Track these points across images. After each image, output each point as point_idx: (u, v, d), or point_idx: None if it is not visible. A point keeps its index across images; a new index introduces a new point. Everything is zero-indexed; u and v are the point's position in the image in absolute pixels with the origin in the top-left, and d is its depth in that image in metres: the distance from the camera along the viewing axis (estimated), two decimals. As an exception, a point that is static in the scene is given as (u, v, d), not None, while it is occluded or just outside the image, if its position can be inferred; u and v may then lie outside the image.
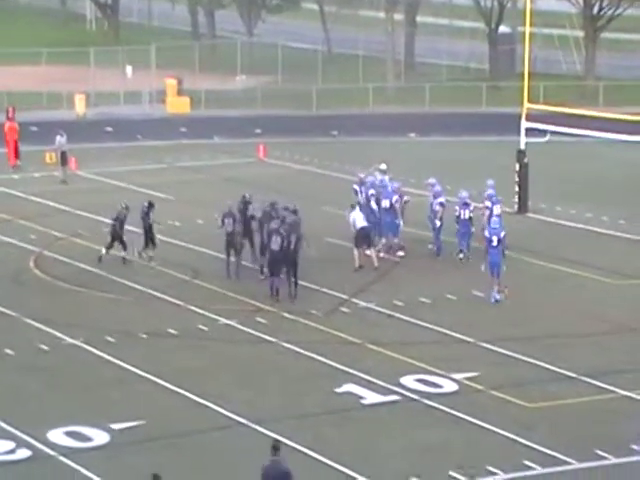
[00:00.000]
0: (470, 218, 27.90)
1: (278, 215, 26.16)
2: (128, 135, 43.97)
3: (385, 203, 28.37)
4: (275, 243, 25.18)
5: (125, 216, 28.23)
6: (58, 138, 37.25)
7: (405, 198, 28.88)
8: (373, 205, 28.47)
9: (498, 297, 25.07)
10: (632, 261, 28.17)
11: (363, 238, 27.15)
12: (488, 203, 28.07)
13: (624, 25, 58.61)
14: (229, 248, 26.73)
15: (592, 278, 26.88)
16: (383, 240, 28.45)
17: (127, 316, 24.49)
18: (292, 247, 25.15)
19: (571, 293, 26.06)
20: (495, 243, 24.98)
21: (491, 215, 26.82)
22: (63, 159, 37.06)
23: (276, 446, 15.17)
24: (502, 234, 25.05)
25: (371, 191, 28.65)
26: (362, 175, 29.66)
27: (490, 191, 28.50)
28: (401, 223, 28.34)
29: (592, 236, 30.52)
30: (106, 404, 20.11)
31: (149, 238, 28.11)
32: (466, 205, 27.93)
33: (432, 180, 28.98)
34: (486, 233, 25.38)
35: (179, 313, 24.61)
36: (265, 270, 26.06)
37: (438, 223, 28.00)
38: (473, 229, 28.05)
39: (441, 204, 28.10)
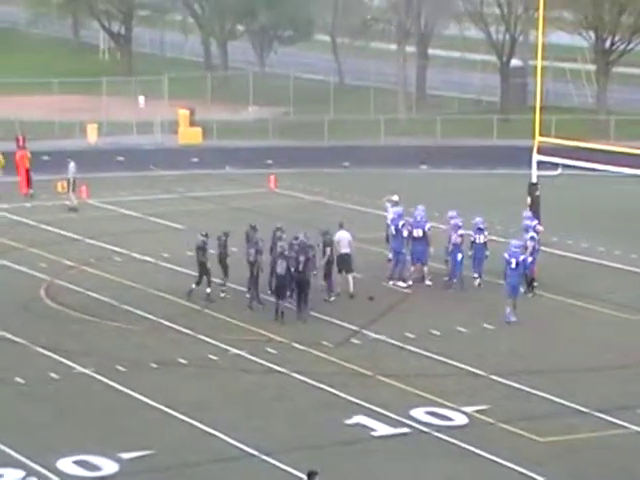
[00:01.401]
0: (485, 243, 28.15)
1: (279, 239, 26.47)
2: (140, 165, 44.14)
3: (418, 232, 28.38)
4: (280, 267, 25.31)
5: (206, 244, 27.43)
6: (70, 165, 37.43)
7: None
8: (404, 234, 28.50)
9: (513, 319, 25.29)
10: (644, 295, 28.12)
11: (344, 264, 27.18)
12: (532, 233, 27.96)
13: (636, 60, 58.75)
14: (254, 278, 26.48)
15: (604, 312, 26.80)
16: (412, 268, 28.43)
17: (138, 345, 24.47)
18: (300, 269, 25.21)
19: (583, 326, 25.96)
20: (514, 265, 25.59)
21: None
22: (74, 186, 37.19)
23: (311, 474, 15.36)
24: (521, 258, 25.76)
25: (401, 222, 28.66)
26: (391, 203, 29.74)
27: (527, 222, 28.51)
28: (432, 251, 28.45)
29: (604, 270, 30.45)
30: (116, 433, 20.07)
31: (224, 268, 27.57)
32: (480, 230, 28.23)
33: (452, 213, 29.02)
34: (506, 255, 25.93)
35: (189, 343, 24.58)
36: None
37: (460, 256, 28.00)
38: (487, 253, 28.12)
39: (461, 236, 28.13)
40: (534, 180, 33.28)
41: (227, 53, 65.60)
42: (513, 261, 25.68)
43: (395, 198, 30.85)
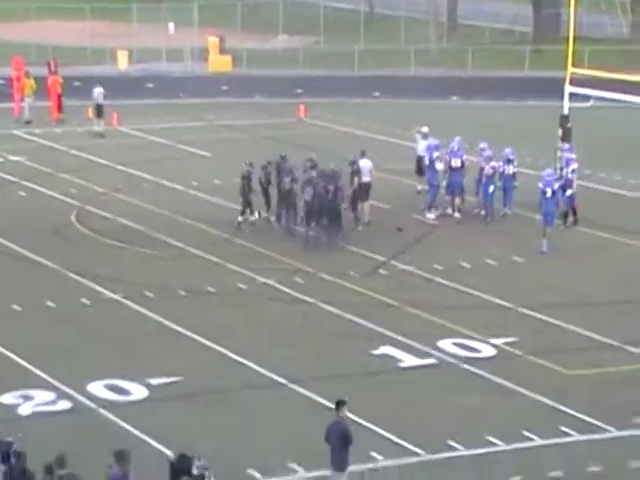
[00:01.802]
0: (514, 174, 28.13)
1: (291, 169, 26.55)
2: (169, 92, 43.97)
3: (456, 162, 28.14)
4: (307, 194, 25.42)
5: (251, 173, 27.14)
6: (95, 90, 37.33)
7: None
8: (438, 166, 28.28)
9: (545, 249, 25.49)
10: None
11: (361, 193, 27.09)
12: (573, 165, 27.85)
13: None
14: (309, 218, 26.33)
15: (635, 245, 26.64)
16: (457, 200, 28.26)
17: (166, 272, 24.59)
18: (330, 197, 25.28)
19: (613, 260, 25.84)
20: (549, 195, 25.78)
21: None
22: (99, 112, 37.13)
23: (340, 403, 15.45)
24: (556, 186, 26.03)
25: (436, 153, 28.46)
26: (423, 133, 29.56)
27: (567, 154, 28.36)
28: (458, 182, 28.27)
29: (636, 203, 30.20)
30: (145, 359, 20.26)
31: (267, 197, 27.41)
32: (509, 161, 28.14)
33: (483, 145, 28.79)
34: (540, 185, 26.16)
35: (218, 271, 24.68)
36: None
37: (492, 188, 27.87)
38: (516, 184, 28.06)
39: (493, 168, 27.96)
40: (566, 112, 32.92)
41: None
42: (548, 190, 25.92)
43: (425, 130, 30.64)
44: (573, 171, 27.83)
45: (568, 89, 32.74)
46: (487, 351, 20.67)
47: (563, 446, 17.41)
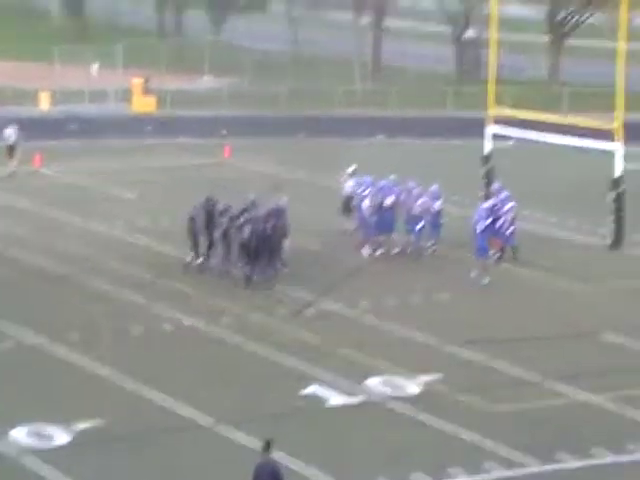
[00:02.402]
0: (440, 211, 28.68)
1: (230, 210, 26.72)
2: (93, 133, 43.74)
3: (387, 201, 28.48)
4: (245, 232, 25.71)
5: (198, 215, 26.78)
6: (7, 131, 37.10)
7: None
8: (365, 204, 28.50)
9: (485, 281, 26.27)
10: (593, 265, 28.39)
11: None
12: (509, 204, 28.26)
13: (588, 32, 59.09)
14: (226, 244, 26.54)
15: (555, 282, 27.04)
16: (388, 238, 28.58)
17: (92, 315, 24.32)
18: (269, 233, 25.79)
19: (536, 296, 26.18)
20: (482, 228, 26.64)
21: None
22: (11, 152, 36.87)
23: (267, 444, 15.41)
24: (488, 221, 26.72)
25: (366, 191, 28.71)
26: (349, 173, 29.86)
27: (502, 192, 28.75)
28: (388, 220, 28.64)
29: (557, 241, 30.69)
30: (68, 403, 19.97)
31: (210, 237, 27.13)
32: (436, 198, 28.74)
33: (411, 183, 29.11)
34: (475, 218, 27.01)
35: (143, 313, 24.48)
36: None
37: (420, 225, 28.32)
38: (442, 221, 28.65)
39: (422, 205, 28.28)
40: (488, 151, 33.46)
41: (182, 21, 65.10)
42: (481, 223, 26.68)
43: (351, 169, 30.93)
44: (512, 208, 28.28)
45: (490, 129, 33.30)
46: (413, 388, 20.77)
47: (489, 482, 17.53)
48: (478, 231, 26.88)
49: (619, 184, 29.89)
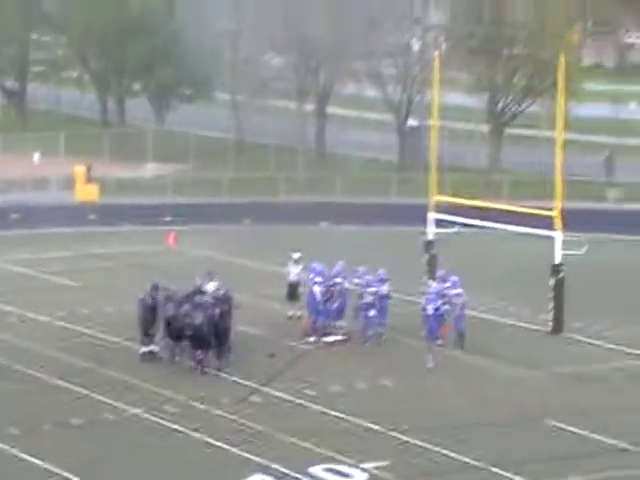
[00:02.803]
0: (388, 294, 28.74)
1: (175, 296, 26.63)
2: (35, 222, 43.42)
3: (339, 287, 28.67)
4: (197, 318, 25.52)
5: (154, 300, 26.51)
6: None
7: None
8: (316, 290, 28.47)
9: (431, 364, 26.51)
10: (536, 351, 28.53)
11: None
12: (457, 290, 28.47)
13: (527, 121, 60.25)
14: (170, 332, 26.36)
15: (499, 368, 27.11)
16: (338, 324, 28.58)
17: (30, 407, 23.88)
18: (217, 319, 25.67)
19: (479, 382, 26.21)
20: (430, 312, 27.22)
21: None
22: None
23: None
24: (439, 303, 27.33)
25: (317, 278, 28.68)
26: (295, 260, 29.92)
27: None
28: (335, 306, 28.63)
29: (498, 326, 30.87)
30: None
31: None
32: (383, 281, 28.76)
33: (362, 269, 29.16)
34: (423, 302, 27.56)
35: (85, 403, 24.10)
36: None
37: (372, 312, 28.25)
38: (390, 301, 28.77)
39: (374, 293, 28.28)
40: (430, 238, 33.74)
41: (124, 110, 65.32)
42: (429, 307, 27.14)
43: (296, 255, 30.97)
44: (459, 294, 28.47)
45: (432, 216, 33.63)
46: (359, 476, 20.56)
47: None
48: (429, 313, 27.13)
49: (559, 270, 30.25)
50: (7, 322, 30.21)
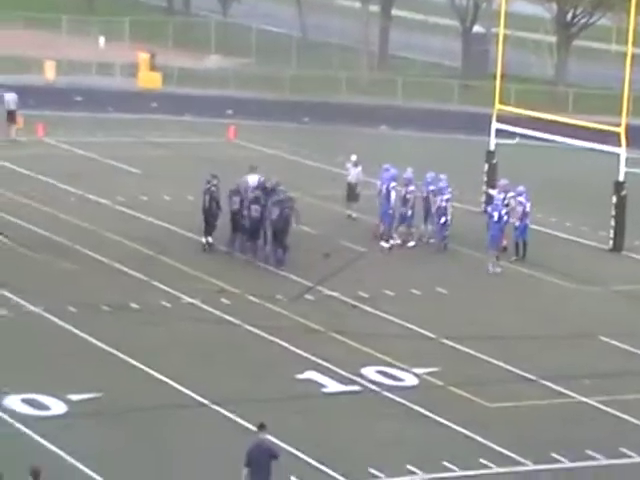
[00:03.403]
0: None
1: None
2: (98, 106, 43.61)
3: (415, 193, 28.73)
4: (274, 214, 26.05)
5: (217, 189, 26.73)
6: (6, 96, 37.08)
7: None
8: (392, 195, 28.53)
9: (497, 269, 26.92)
10: (593, 268, 28.44)
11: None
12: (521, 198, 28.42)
13: (596, 34, 59.02)
14: (235, 225, 26.70)
15: (555, 282, 27.10)
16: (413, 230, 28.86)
17: (90, 287, 24.32)
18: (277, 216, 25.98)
19: (534, 295, 26.23)
20: (496, 218, 27.10)
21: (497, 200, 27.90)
22: (11, 118, 36.80)
23: (261, 426, 15.55)
24: (503, 211, 27.14)
25: (393, 183, 28.70)
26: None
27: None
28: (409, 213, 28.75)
29: (556, 241, 30.75)
30: (65, 375, 19.98)
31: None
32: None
33: (431, 175, 29.18)
34: (489, 209, 27.74)
35: (143, 288, 24.48)
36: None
37: (444, 219, 28.32)
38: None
39: (447, 200, 28.37)
40: (492, 148, 33.45)
41: (190, -1, 64.93)
42: (495, 214, 27.16)
43: (354, 158, 30.93)
44: (521, 203, 28.37)
45: (495, 125, 33.28)
46: (410, 380, 20.80)
47: (482, 478, 17.56)
48: (495, 220, 27.20)
49: (622, 188, 29.92)
50: (69, 202, 30.58)
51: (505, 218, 27.52)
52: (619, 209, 29.90)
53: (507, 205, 27.99)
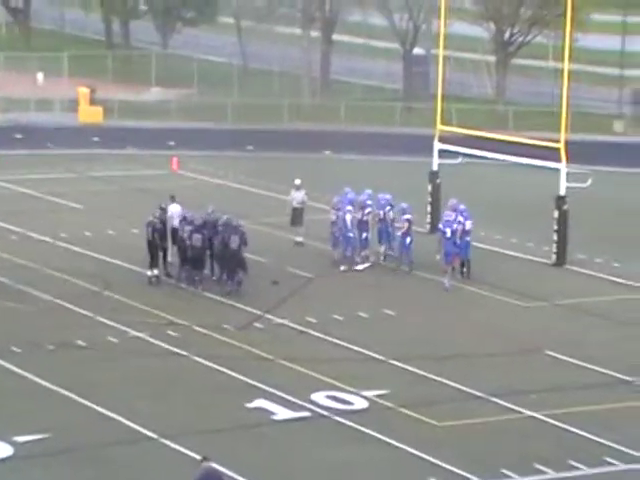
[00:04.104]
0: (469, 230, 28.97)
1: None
2: (39, 143, 43.31)
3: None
4: (197, 240, 26.09)
5: (162, 222, 26.77)
6: None
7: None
8: (348, 218, 28.68)
9: (448, 284, 27.19)
10: (537, 283, 28.64)
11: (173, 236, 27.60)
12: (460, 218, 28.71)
13: (533, 52, 59.75)
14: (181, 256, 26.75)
15: (501, 299, 27.24)
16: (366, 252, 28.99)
17: (34, 326, 24.06)
18: (234, 246, 26.09)
19: (481, 313, 26.36)
20: (449, 235, 27.67)
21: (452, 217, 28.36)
22: None
23: (204, 458, 15.59)
24: (454, 226, 27.78)
25: (349, 207, 28.90)
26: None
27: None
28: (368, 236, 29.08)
29: (500, 258, 30.95)
30: (10, 416, 19.72)
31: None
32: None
33: (386, 196, 29.46)
34: (440, 226, 28.26)
35: (88, 324, 24.27)
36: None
37: (409, 239, 28.68)
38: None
39: (408, 220, 28.71)
40: (435, 168, 33.67)
41: (129, 32, 64.73)
42: (448, 230, 27.64)
43: (298, 182, 31.01)
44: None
45: (437, 146, 33.51)
46: (359, 403, 20.78)
47: (435, 497, 17.58)
48: (447, 236, 27.52)
49: (563, 202, 30.23)
50: (11, 241, 30.28)
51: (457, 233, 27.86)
52: (561, 224, 30.20)
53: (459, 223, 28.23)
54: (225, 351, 23.00)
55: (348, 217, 28.78)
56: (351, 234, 28.75)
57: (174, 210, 27.72)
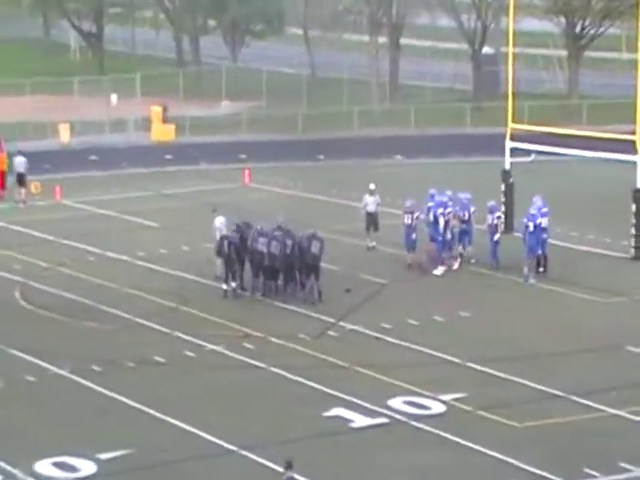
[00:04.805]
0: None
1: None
2: (113, 163, 43.95)
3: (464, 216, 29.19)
4: (275, 248, 26.29)
5: (241, 236, 26.98)
6: (16, 160, 37.70)
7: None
8: (441, 221, 28.85)
9: (532, 280, 27.33)
10: (616, 279, 28.19)
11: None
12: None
13: (606, 44, 58.92)
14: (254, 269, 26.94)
15: (577, 296, 26.89)
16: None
17: (114, 345, 24.36)
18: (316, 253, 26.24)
19: (557, 310, 26.05)
20: (532, 229, 27.69)
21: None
22: (20, 181, 37.32)
23: (288, 464, 15.65)
24: (538, 221, 27.79)
25: (440, 210, 29.01)
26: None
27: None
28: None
29: (577, 254, 30.53)
30: (93, 434, 19.97)
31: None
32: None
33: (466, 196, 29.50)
34: (524, 220, 28.14)
35: (166, 340, 24.50)
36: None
37: (497, 236, 28.79)
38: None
39: (498, 218, 29.00)
40: (507, 167, 33.36)
41: (199, 48, 65.41)
42: (530, 224, 27.63)
43: (372, 186, 31.06)
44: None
45: (509, 145, 33.21)
46: (437, 408, 20.64)
47: (517, 500, 17.38)
48: (530, 230, 27.54)
49: (641, 196, 29.72)
50: (88, 262, 30.74)
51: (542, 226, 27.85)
52: (639, 217, 29.66)
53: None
54: (301, 361, 23.04)
55: (442, 220, 28.64)
56: (448, 236, 28.68)
57: (219, 222, 27.93)
